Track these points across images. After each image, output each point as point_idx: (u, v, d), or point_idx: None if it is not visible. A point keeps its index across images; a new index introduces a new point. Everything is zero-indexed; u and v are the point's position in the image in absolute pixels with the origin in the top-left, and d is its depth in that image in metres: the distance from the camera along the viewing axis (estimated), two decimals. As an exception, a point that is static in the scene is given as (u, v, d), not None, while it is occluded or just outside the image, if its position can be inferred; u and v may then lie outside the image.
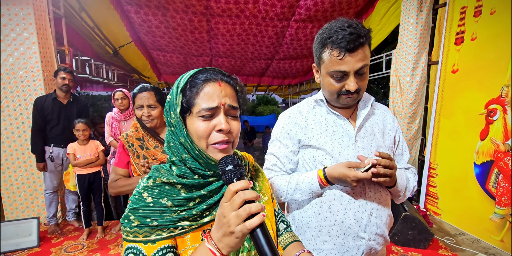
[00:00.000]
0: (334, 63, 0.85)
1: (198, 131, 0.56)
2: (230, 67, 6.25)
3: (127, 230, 0.56)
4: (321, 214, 0.94)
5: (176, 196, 0.58)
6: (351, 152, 0.93)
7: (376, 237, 0.92)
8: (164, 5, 3.88)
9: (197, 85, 0.57)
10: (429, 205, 3.11)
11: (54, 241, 2.63)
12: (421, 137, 3.46)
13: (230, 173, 0.52)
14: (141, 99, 1.26)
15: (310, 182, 0.92)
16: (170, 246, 0.56)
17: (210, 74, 0.59)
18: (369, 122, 0.99)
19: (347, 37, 0.81)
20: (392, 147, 1.00)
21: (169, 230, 0.56)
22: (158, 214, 0.56)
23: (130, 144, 1.28)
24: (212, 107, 0.56)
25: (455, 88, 2.78)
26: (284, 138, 1.00)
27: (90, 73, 4.48)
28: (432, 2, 3.14)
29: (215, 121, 0.57)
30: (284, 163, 1.01)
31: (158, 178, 0.59)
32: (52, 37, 2.99)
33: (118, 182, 1.27)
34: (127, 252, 0.56)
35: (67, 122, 2.77)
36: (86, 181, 2.64)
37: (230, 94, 0.59)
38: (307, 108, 1.02)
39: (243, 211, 0.45)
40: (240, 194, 0.46)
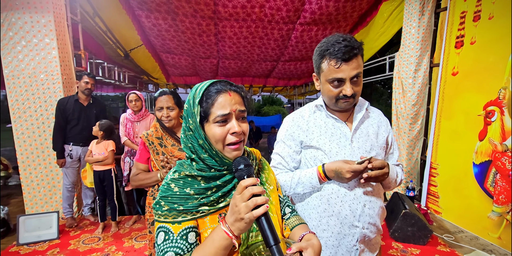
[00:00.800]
0: (332, 71, 0.98)
1: (215, 135, 0.68)
2: (236, 69, 6.39)
3: (159, 213, 0.69)
4: (320, 206, 1.07)
5: (197, 186, 0.71)
6: (347, 151, 1.05)
7: (369, 226, 1.05)
8: (173, 10, 4.04)
9: (211, 97, 0.69)
10: (430, 203, 3.19)
11: (72, 234, 2.81)
12: (423, 138, 3.54)
13: (241, 171, 0.65)
14: (161, 102, 1.42)
15: (311, 177, 1.04)
16: (192, 226, 0.69)
17: (220, 86, 0.71)
18: (364, 125, 1.12)
19: (342, 49, 0.94)
20: (384, 147, 1.12)
21: (192, 213, 0.69)
22: (183, 200, 0.69)
23: (150, 142, 1.42)
24: (226, 114, 0.68)
25: (455, 90, 2.87)
26: (288, 139, 1.13)
27: (103, 75, 4.68)
28: (434, 6, 3.22)
29: (229, 126, 0.69)
30: (288, 162, 1.14)
31: (182, 172, 0.73)
32: (70, 42, 3.18)
33: (139, 176, 1.42)
34: (159, 230, 0.69)
35: (86, 123, 2.96)
36: (98, 177, 2.80)
37: (238, 101, 0.71)
38: (308, 113, 1.15)
39: (251, 202, 0.58)
40: (249, 189, 0.59)
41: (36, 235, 2.64)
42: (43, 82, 2.96)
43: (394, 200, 2.86)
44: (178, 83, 7.65)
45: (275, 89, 8.75)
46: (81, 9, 3.55)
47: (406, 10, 3.39)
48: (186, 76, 7.18)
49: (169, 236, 0.67)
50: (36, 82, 2.94)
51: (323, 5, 3.87)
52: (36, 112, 2.97)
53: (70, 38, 3.21)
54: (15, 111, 2.93)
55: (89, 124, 2.96)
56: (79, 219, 3.18)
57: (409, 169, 3.59)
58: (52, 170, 3.07)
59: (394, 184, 1.10)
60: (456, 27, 2.85)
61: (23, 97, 2.93)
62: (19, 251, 2.49)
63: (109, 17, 4.19)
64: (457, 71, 2.84)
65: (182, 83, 7.58)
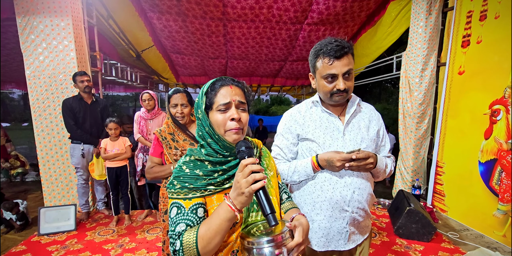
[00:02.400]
0: (326, 68, 1.10)
1: (217, 121, 0.79)
2: (244, 69, 6.49)
3: (172, 191, 0.80)
4: (314, 193, 1.19)
5: (205, 169, 0.81)
6: (340, 143, 1.16)
7: (358, 210, 1.16)
8: (184, 11, 4.16)
9: (215, 89, 0.81)
10: (436, 202, 3.21)
11: (88, 226, 2.96)
12: (430, 137, 3.55)
13: (243, 152, 0.74)
14: (175, 99, 1.54)
15: (306, 166, 1.16)
16: (201, 202, 0.80)
17: (224, 81, 0.83)
18: (356, 119, 1.22)
19: (334, 48, 1.07)
20: (374, 139, 1.22)
21: (201, 191, 0.80)
22: (193, 180, 0.80)
23: (163, 137, 1.54)
24: (226, 102, 0.79)
25: (461, 89, 2.89)
26: (286, 132, 1.25)
27: (116, 76, 4.85)
28: (441, 6, 3.23)
29: (229, 113, 0.79)
30: (286, 153, 1.26)
31: (192, 156, 0.84)
32: (86, 44, 3.33)
33: (154, 169, 1.54)
34: (172, 206, 0.80)
35: (93, 120, 3.09)
36: (114, 173, 2.94)
37: (239, 93, 0.82)
38: (305, 108, 1.26)
39: (250, 178, 0.67)
40: (249, 166, 0.68)
41: (56, 226, 2.80)
42: (61, 82, 3.12)
43: (400, 198, 2.90)
44: (188, 83, 7.80)
45: (283, 88, 8.81)
46: (96, 12, 3.71)
47: (413, 9, 3.41)
48: (195, 76, 7.32)
49: (181, 210, 0.78)
50: (55, 82, 3.11)
51: (331, 5, 3.92)
52: (55, 110, 3.13)
53: (87, 40, 3.37)
54: (35, 109, 3.11)
55: (96, 121, 3.09)
56: (94, 212, 3.34)
57: (416, 167, 3.60)
58: (69, 166, 3.23)
59: (383, 174, 1.21)
60: (462, 26, 2.87)
61: (43, 96, 3.10)
62: (40, 240, 2.65)
63: (122, 19, 4.35)
64: (463, 70, 2.86)
65: (191, 83, 7.73)
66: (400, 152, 3.75)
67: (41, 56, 3.05)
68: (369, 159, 1.07)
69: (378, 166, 1.12)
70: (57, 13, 3.00)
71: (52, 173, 3.23)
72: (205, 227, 0.72)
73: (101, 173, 3.10)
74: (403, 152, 3.71)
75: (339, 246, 1.18)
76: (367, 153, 1.07)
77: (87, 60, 3.35)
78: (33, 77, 3.07)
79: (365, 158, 1.06)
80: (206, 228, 0.72)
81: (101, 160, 3.08)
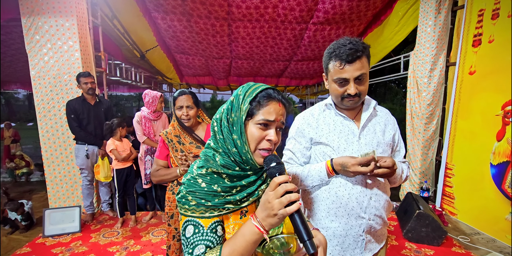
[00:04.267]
0: (337, 72, 1.05)
1: (253, 135, 0.71)
2: (249, 69, 6.45)
3: (186, 207, 0.72)
4: (329, 199, 1.14)
5: (223, 184, 0.73)
6: (355, 147, 1.12)
7: (375, 217, 1.10)
8: (188, 11, 4.13)
9: (264, 100, 0.71)
10: (445, 205, 3.15)
11: (93, 228, 2.94)
12: (438, 138, 3.48)
13: (273, 169, 0.67)
14: (181, 101, 1.50)
15: (320, 170, 1.11)
16: (219, 220, 0.73)
17: (275, 94, 0.73)
18: (371, 122, 1.17)
19: (347, 51, 1.01)
20: (390, 144, 1.17)
21: (218, 210, 0.72)
22: (211, 197, 0.72)
23: (169, 140, 1.50)
24: (271, 120, 0.71)
25: (472, 90, 2.82)
26: (299, 136, 1.20)
27: (121, 76, 4.84)
28: (450, 4, 3.17)
29: (268, 131, 0.72)
30: (298, 157, 1.21)
31: (209, 168, 0.75)
32: (91, 45, 3.32)
33: (160, 172, 1.51)
34: (187, 224, 0.72)
35: (97, 121, 3.07)
36: (124, 174, 2.92)
37: (283, 113, 0.75)
38: (318, 111, 1.22)
39: (285, 199, 0.60)
40: (283, 186, 0.62)
41: (60, 228, 2.79)
42: (66, 82, 3.11)
43: (408, 201, 2.84)
44: (192, 83, 7.78)
45: (287, 88, 8.75)
46: (101, 13, 3.70)
47: (421, 8, 3.35)
48: (199, 76, 7.30)
49: (199, 229, 0.70)
50: (60, 83, 3.10)
51: (337, 4, 3.86)
52: (60, 111, 3.12)
53: (91, 40, 3.35)
54: (40, 110, 3.10)
55: (100, 122, 3.06)
56: (99, 214, 3.32)
57: (424, 169, 3.54)
58: (74, 167, 3.22)
59: (400, 180, 1.16)
60: (473, 25, 2.80)
61: (48, 97, 3.09)
62: (45, 242, 2.64)
63: (126, 20, 4.34)
64: (474, 70, 2.79)
65: (195, 83, 7.71)
66: (408, 154, 3.69)
67: (46, 56, 3.04)
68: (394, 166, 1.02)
69: (396, 172, 1.08)
70: (62, 14, 2.99)
71: (57, 174, 3.22)
72: (229, 250, 0.66)
73: (106, 175, 3.07)
74: (410, 153, 3.65)
75: (355, 255, 1.13)
76: (391, 160, 1.02)
77: (92, 61, 3.33)
78: (38, 77, 3.06)
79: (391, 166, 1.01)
80: (231, 250, 0.66)
81: (107, 161, 3.06)
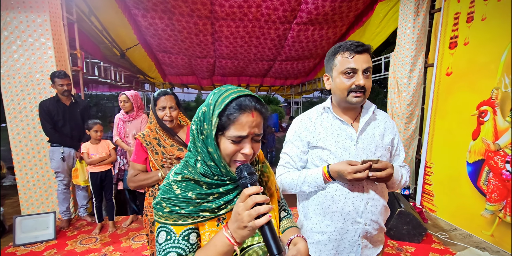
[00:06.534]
0: (346, 62, 1.06)
1: (226, 150, 0.67)
2: (233, 68, 6.40)
3: (160, 214, 0.70)
4: (325, 203, 1.12)
5: (199, 190, 0.71)
6: (352, 152, 1.10)
7: (371, 222, 1.09)
8: (170, 9, 4.03)
9: (234, 114, 0.65)
10: (425, 202, 3.24)
11: (69, 234, 2.80)
12: (418, 137, 3.58)
13: (245, 179, 0.64)
14: (163, 101, 1.42)
15: (316, 176, 1.09)
16: (193, 228, 0.71)
17: (247, 102, 0.66)
18: (370, 126, 1.16)
19: (355, 43, 1.05)
20: (389, 148, 1.17)
21: (193, 218, 0.70)
22: (185, 204, 0.69)
23: (147, 143, 1.42)
24: (243, 136, 0.66)
25: (449, 90, 2.91)
26: (296, 140, 1.19)
27: (99, 75, 4.65)
28: (428, 7, 3.26)
29: (242, 145, 0.68)
30: (295, 161, 1.19)
31: (186, 175, 0.72)
32: (66, 42, 3.16)
33: (138, 177, 1.42)
34: (160, 230, 0.70)
35: (73, 123, 2.92)
36: (99, 178, 2.80)
37: (259, 123, 0.69)
38: (315, 115, 1.20)
39: (254, 211, 0.58)
40: (252, 197, 0.59)
41: (33, 236, 2.63)
42: (39, 82, 2.94)
43: (390, 199, 2.90)
44: (175, 83, 7.63)
45: (272, 88, 8.77)
46: (77, 9, 3.53)
47: (401, 10, 3.43)
48: (183, 76, 7.16)
49: (171, 236, 0.68)
50: (32, 82, 2.92)
51: (320, 5, 3.89)
52: (32, 112, 2.95)
53: (66, 37, 3.19)
54: (10, 111, 2.91)
55: (77, 124, 2.92)
56: (76, 219, 3.17)
57: (404, 168, 3.63)
58: (48, 170, 3.05)
59: (398, 184, 1.15)
60: (450, 28, 2.89)
61: (19, 97, 2.91)
62: (15, 252, 2.48)
63: (105, 16, 4.17)
64: (451, 71, 2.88)
65: (179, 83, 7.57)
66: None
67: (16, 54, 2.86)
68: (388, 169, 1.01)
69: (394, 176, 1.07)
70: (33, 9, 2.82)
71: (30, 178, 3.04)
72: None
73: (85, 178, 2.93)
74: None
75: None
76: (385, 163, 1.02)
77: (67, 59, 3.17)
78: (7, 76, 2.87)
79: (383, 168, 1.01)
80: None
81: (85, 165, 2.92)
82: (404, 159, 1.24)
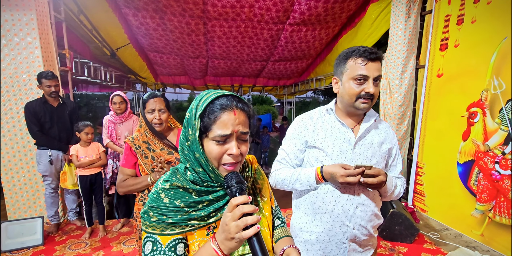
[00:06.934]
0: (358, 68, 1.05)
1: (212, 153, 0.65)
2: (226, 69, 6.35)
3: (147, 224, 0.67)
4: (316, 203, 1.13)
5: (188, 198, 0.68)
6: (348, 156, 1.11)
7: (360, 227, 1.10)
8: (161, 8, 3.97)
9: (214, 113, 0.64)
10: (417, 202, 3.27)
11: (57, 240, 2.72)
12: (409, 138, 3.62)
13: (233, 188, 0.62)
14: (152, 104, 1.39)
15: (309, 176, 1.10)
16: (181, 238, 0.68)
17: (227, 101, 0.65)
18: (370, 133, 1.16)
19: (368, 50, 1.04)
20: (385, 156, 1.17)
21: (181, 227, 0.67)
22: (173, 213, 0.67)
23: (137, 147, 1.39)
24: (226, 134, 0.64)
25: (440, 92, 2.94)
26: (294, 138, 1.20)
27: (89, 75, 4.56)
28: (419, 9, 3.29)
29: (228, 146, 0.65)
30: (291, 159, 1.20)
31: (174, 183, 0.70)
32: (54, 41, 3.07)
33: (127, 182, 1.38)
34: (146, 240, 0.68)
35: (61, 124, 2.84)
36: (88, 181, 2.73)
37: (243, 121, 0.67)
38: (317, 115, 1.20)
39: (241, 222, 0.55)
40: (240, 207, 0.57)
41: (20, 242, 2.55)
42: (25, 82, 2.85)
43: (382, 200, 2.92)
44: (167, 83, 7.54)
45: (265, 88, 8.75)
46: (65, 7, 3.44)
47: (393, 12, 3.45)
48: (175, 76, 7.08)
49: (157, 246, 0.66)
50: (18, 83, 2.83)
51: (312, 5, 3.89)
52: (19, 113, 2.86)
53: (54, 37, 3.10)
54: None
55: (65, 126, 2.84)
56: (65, 224, 3.09)
57: (396, 168, 3.66)
58: (36, 173, 2.96)
59: (391, 194, 1.15)
60: (440, 30, 2.92)
61: (4, 98, 2.81)
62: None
63: (94, 15, 4.08)
64: (442, 73, 2.91)
65: (171, 83, 7.48)
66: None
67: (1, 54, 2.76)
68: (380, 176, 1.01)
69: (387, 185, 1.08)
70: (19, 7, 2.73)
71: (16, 182, 2.95)
72: None
73: (74, 182, 2.86)
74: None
75: None
76: (378, 170, 1.02)
77: (55, 59, 3.08)
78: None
79: (376, 175, 1.01)
80: None
81: (74, 168, 2.85)
82: (401, 171, 1.24)
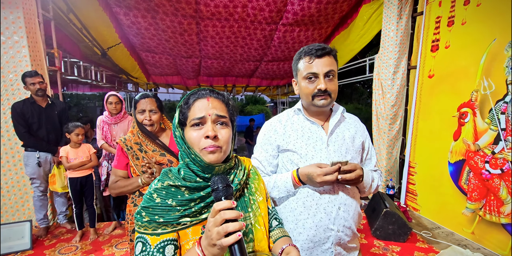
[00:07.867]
0: (307, 67, 1.05)
1: (191, 138, 0.70)
2: (219, 69, 6.32)
3: (139, 224, 0.68)
4: (296, 209, 1.09)
5: (180, 197, 0.69)
6: (323, 154, 1.08)
7: (344, 229, 1.07)
8: (153, 7, 3.91)
9: (189, 102, 0.72)
10: (409, 201, 3.31)
11: (47, 243, 2.65)
12: (401, 137, 3.66)
13: (219, 192, 0.61)
14: (143, 104, 1.37)
15: (286, 181, 1.07)
16: (171, 239, 0.68)
17: (201, 93, 0.73)
18: (340, 129, 1.15)
19: (316, 47, 1.04)
20: (360, 151, 1.16)
21: (172, 226, 0.67)
22: (165, 212, 0.67)
23: (128, 147, 1.36)
24: (200, 117, 0.69)
25: (431, 92, 2.99)
26: (265, 144, 1.16)
27: (79, 75, 4.47)
28: (411, 10, 3.33)
29: (204, 129, 0.69)
30: (265, 166, 1.16)
31: (166, 182, 0.71)
32: (42, 40, 3.00)
33: (119, 183, 1.36)
34: (137, 240, 0.68)
35: (50, 125, 2.77)
36: (78, 184, 2.67)
37: (218, 106, 0.72)
38: (286, 117, 1.18)
39: (222, 229, 0.55)
40: (221, 213, 0.56)
41: (7, 246, 2.48)
42: (12, 82, 2.77)
43: (376, 199, 2.94)
44: (159, 83, 7.46)
45: (258, 89, 8.74)
46: (53, 5, 3.36)
47: (384, 13, 3.49)
48: (168, 76, 7.01)
49: (146, 247, 0.66)
50: (4, 83, 2.75)
51: (305, 6, 3.90)
52: (5, 114, 2.78)
53: (42, 36, 3.03)
54: (-20, 113, 2.74)
55: (54, 127, 2.77)
56: (54, 227, 3.02)
57: (389, 168, 3.70)
58: (24, 176, 2.89)
59: (370, 188, 1.13)
60: (432, 31, 2.96)
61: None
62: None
63: (84, 14, 4.00)
64: (433, 73, 2.96)
65: (163, 83, 7.40)
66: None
67: (-14, 53, 2.69)
68: (357, 170, 0.99)
69: (364, 179, 1.06)
70: (5, 5, 2.65)
71: (3, 185, 2.86)
72: None
73: (63, 184, 2.79)
74: (376, 152, 3.79)
75: None
76: (354, 164, 1.00)
77: (43, 58, 3.01)
78: (-23, 76, 2.70)
79: (352, 170, 0.99)
80: None
81: (63, 170, 2.78)
82: (375, 163, 1.23)
